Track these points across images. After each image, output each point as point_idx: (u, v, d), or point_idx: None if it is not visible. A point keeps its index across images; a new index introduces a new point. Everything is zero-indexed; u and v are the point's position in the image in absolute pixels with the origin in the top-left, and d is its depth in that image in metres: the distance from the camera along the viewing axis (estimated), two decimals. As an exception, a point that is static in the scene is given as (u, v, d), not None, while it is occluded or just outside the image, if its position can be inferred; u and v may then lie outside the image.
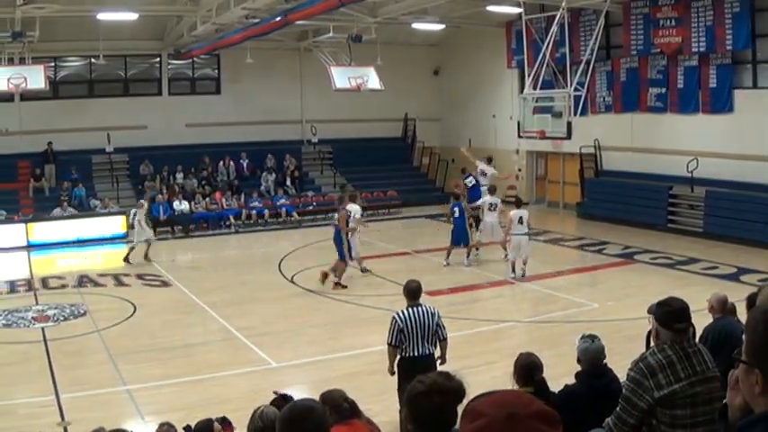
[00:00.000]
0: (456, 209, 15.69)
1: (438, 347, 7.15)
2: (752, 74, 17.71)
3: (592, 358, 4.93)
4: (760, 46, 17.33)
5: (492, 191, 16.31)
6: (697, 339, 5.43)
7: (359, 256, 14.77)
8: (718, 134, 18.22)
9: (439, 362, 7.09)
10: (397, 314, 7.02)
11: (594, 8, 19.22)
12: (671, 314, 3.74)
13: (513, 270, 14.57)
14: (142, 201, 18.01)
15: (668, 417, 3.62)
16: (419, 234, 20.26)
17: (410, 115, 27.91)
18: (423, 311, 7.00)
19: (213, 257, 17.87)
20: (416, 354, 6.90)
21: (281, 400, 4.22)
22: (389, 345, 7.04)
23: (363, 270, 14.95)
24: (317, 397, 3.79)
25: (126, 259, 16.73)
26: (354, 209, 14.49)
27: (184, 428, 5.08)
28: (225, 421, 5.00)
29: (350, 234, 14.31)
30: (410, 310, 7.01)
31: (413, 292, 7.17)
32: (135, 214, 16.93)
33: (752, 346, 1.61)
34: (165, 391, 8.71)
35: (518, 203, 14.96)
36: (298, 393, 7.72)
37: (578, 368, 5.07)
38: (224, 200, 22.20)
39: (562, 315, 11.83)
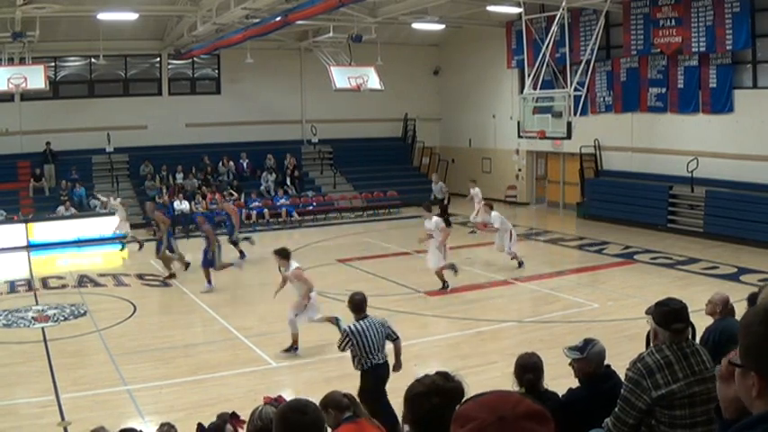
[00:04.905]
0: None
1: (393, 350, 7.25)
2: (752, 74, 17.72)
3: (599, 360, 4.79)
4: (760, 46, 17.34)
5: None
6: (697, 340, 5.43)
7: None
8: (718, 134, 18.24)
9: (393, 369, 7.17)
10: (349, 328, 7.12)
11: (594, 8, 19.22)
12: (669, 314, 3.75)
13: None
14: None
15: (667, 417, 3.62)
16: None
17: (410, 115, 27.91)
18: (371, 323, 7.10)
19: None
20: (377, 362, 7.03)
21: (274, 402, 4.21)
22: (340, 349, 7.25)
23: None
24: (318, 397, 3.80)
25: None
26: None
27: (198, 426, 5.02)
28: (234, 416, 4.97)
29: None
30: (360, 323, 7.10)
31: (358, 305, 7.27)
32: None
33: (747, 348, 1.57)
34: (166, 391, 8.72)
35: (428, 208, 13.94)
36: (296, 394, 7.69)
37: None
38: (224, 200, 22.16)
39: (562, 315, 11.83)
